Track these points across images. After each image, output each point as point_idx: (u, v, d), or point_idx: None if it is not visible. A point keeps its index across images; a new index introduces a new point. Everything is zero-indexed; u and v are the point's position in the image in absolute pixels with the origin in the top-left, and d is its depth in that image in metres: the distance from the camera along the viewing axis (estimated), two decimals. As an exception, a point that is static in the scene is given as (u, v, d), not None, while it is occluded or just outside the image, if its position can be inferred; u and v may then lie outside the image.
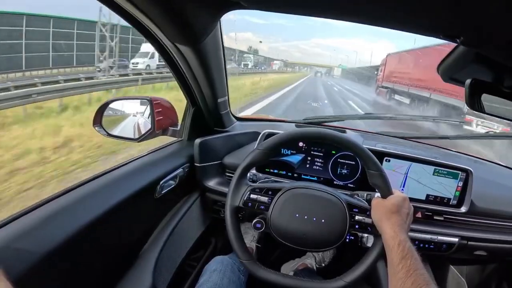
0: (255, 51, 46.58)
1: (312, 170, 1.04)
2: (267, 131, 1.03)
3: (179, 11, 0.63)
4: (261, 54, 62.13)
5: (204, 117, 1.09)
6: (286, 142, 0.74)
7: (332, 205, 0.74)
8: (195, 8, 0.63)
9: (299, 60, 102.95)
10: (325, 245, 0.74)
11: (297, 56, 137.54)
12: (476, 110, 0.75)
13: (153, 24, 0.68)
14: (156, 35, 0.73)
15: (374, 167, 0.70)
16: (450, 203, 1.02)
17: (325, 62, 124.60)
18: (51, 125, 5.14)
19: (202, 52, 0.79)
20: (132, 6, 0.60)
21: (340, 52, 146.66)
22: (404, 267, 0.55)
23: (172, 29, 0.69)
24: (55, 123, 5.29)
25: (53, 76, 9.16)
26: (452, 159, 1.04)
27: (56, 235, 0.59)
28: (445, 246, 1.00)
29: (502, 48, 0.58)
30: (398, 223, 0.64)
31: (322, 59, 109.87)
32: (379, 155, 0.99)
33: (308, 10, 0.60)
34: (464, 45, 0.66)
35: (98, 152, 4.03)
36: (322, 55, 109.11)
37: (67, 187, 0.72)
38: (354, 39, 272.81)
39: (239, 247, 0.72)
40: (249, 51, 42.54)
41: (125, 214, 0.78)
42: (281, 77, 26.73)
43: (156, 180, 0.89)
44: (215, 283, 0.82)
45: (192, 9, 0.63)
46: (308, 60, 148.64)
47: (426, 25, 0.61)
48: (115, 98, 1.02)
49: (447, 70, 0.82)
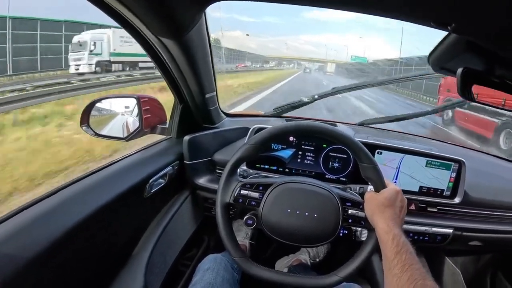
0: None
1: (303, 164, 1.03)
2: (257, 126, 1.02)
3: (162, 3, 0.61)
4: (251, 51, 58.97)
5: (193, 114, 1.07)
6: (276, 137, 0.73)
7: (324, 199, 0.72)
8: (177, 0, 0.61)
9: (285, 55, 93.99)
10: (318, 240, 0.73)
11: (286, 53, 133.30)
12: (468, 99, 0.74)
13: (135, 17, 0.66)
14: (139, 29, 0.71)
15: (366, 160, 0.69)
16: (444, 194, 1.01)
17: (315, 57, 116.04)
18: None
19: (187, 46, 0.77)
20: (117, 1, 0.58)
21: (330, 47, 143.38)
22: (399, 262, 0.54)
23: (155, 22, 0.67)
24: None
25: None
26: (444, 150, 1.04)
27: (43, 237, 0.57)
28: (439, 237, 0.99)
29: (494, 36, 0.57)
30: (392, 217, 0.63)
31: (312, 55, 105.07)
32: (370, 147, 0.97)
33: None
34: (455, 32, 0.65)
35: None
36: (312, 51, 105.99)
37: (53, 189, 0.70)
38: (345, 34, 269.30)
39: (231, 245, 0.70)
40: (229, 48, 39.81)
41: (114, 214, 0.76)
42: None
43: (144, 179, 0.87)
44: (209, 282, 0.81)
45: (175, 1, 0.61)
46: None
47: (416, 12, 0.59)
48: (102, 97, 0.99)
49: (438, 60, 0.80)
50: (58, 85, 8.08)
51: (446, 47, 0.75)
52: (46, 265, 0.57)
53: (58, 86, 7.88)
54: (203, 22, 0.77)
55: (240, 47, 55.20)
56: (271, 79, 18.25)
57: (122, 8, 0.62)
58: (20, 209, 0.61)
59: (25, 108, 5.60)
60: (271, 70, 37.81)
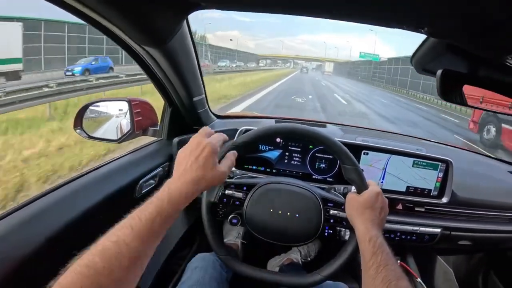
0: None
1: (290, 165, 1.05)
2: (244, 128, 1.03)
3: (140, 15, 0.62)
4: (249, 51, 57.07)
5: (183, 116, 1.08)
6: (260, 138, 0.74)
7: (306, 199, 0.74)
8: (157, 11, 0.62)
9: (282, 54, 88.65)
10: (301, 239, 0.75)
11: (284, 53, 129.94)
12: (449, 101, 0.74)
13: (117, 28, 0.67)
14: (122, 38, 0.73)
15: (348, 162, 0.70)
16: (431, 194, 1.01)
17: (313, 56, 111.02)
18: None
19: (170, 53, 0.78)
20: (94, 12, 0.59)
21: (329, 47, 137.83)
22: (374, 263, 0.55)
23: (135, 32, 0.68)
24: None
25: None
26: (433, 150, 1.04)
27: (33, 239, 0.58)
28: (427, 237, 1.00)
29: (469, 37, 0.58)
30: (371, 218, 0.64)
31: (310, 54, 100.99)
32: (357, 148, 0.99)
33: (266, 8, 0.60)
34: (430, 35, 0.66)
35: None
36: (310, 50, 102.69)
37: (43, 191, 0.72)
38: (343, 35, 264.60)
39: (216, 243, 0.73)
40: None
41: (105, 215, 0.77)
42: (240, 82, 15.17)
43: (135, 179, 0.89)
44: (197, 281, 0.83)
45: (154, 12, 0.62)
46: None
47: (389, 17, 0.60)
48: (94, 100, 1.02)
49: (420, 61, 0.81)
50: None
51: (427, 49, 0.75)
52: (34, 266, 0.58)
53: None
54: (185, 28, 0.79)
55: (239, 47, 53.84)
56: (249, 85, 14.42)
57: (101, 19, 0.63)
58: (10, 211, 0.62)
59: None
60: (259, 71, 32.29)
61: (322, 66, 59.28)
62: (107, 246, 0.40)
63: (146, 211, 0.45)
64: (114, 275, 0.38)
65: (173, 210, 0.48)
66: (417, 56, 0.80)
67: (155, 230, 0.45)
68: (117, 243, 0.41)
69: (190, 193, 0.50)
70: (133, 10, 0.60)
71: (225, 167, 0.57)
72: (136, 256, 0.42)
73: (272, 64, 56.29)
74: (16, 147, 3.91)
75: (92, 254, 0.40)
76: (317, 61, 70.53)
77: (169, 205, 0.47)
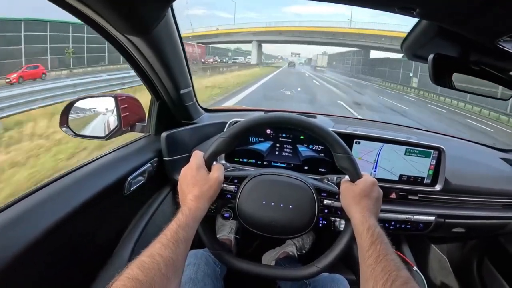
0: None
1: (281, 156, 1.03)
2: (234, 120, 1.02)
3: (122, 1, 0.59)
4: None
5: (170, 110, 1.06)
6: (250, 129, 0.72)
7: (299, 190, 0.72)
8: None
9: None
10: (295, 231, 0.73)
11: (269, 49, 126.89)
12: (441, 85, 0.73)
13: (98, 16, 0.64)
14: (105, 27, 0.70)
15: (340, 150, 0.68)
16: (424, 182, 1.01)
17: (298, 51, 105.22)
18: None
19: (155, 42, 0.76)
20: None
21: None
22: (373, 253, 0.54)
23: (118, 20, 0.65)
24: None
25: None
26: (424, 139, 1.03)
27: (20, 239, 0.57)
28: (422, 225, 1.00)
29: (461, 20, 0.56)
30: (368, 208, 0.63)
31: (294, 50, 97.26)
32: (348, 137, 0.97)
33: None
34: (421, 18, 0.64)
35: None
36: (297, 47, 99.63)
37: (28, 190, 0.69)
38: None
39: (208, 238, 0.71)
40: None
41: (93, 214, 0.75)
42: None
43: (123, 176, 0.86)
44: (190, 277, 0.81)
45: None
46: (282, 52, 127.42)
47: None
48: (79, 97, 0.99)
49: (410, 47, 0.80)
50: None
51: (417, 34, 0.74)
52: (22, 267, 0.56)
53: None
54: (170, 17, 0.76)
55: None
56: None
57: (83, 8, 0.60)
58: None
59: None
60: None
61: (313, 60, 57.49)
62: (143, 260, 0.48)
63: (170, 228, 0.56)
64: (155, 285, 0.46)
65: (192, 221, 0.60)
66: (407, 41, 0.79)
67: (179, 239, 0.55)
68: (152, 256, 0.49)
69: (202, 208, 0.63)
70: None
71: (216, 172, 0.67)
72: (171, 263, 0.50)
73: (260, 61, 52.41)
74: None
75: (131, 268, 0.47)
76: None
77: (184, 217, 0.59)
